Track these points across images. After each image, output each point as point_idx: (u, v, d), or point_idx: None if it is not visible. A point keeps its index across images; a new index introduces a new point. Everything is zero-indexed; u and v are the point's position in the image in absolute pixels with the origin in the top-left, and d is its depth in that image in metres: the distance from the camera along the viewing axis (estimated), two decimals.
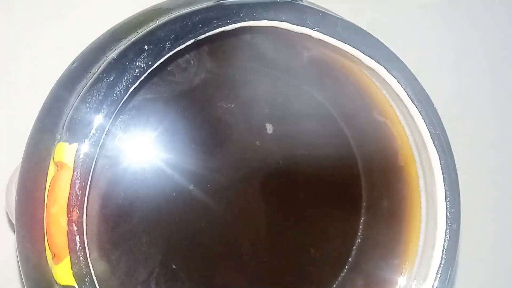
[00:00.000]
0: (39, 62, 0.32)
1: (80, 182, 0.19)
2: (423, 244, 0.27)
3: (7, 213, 0.31)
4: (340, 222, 0.30)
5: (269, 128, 0.27)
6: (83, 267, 0.19)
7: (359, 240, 0.30)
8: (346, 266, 0.30)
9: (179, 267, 0.24)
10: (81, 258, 0.19)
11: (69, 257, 0.19)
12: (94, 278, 0.19)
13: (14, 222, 0.28)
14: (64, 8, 0.32)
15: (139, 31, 0.21)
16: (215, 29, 0.21)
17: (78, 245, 0.19)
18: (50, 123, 0.21)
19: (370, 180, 0.30)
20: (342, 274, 0.29)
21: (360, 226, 0.30)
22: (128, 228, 0.23)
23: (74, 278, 0.19)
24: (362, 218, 0.30)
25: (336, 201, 0.30)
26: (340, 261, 0.30)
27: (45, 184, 0.20)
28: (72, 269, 0.19)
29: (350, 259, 0.30)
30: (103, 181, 0.21)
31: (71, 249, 0.19)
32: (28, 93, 0.32)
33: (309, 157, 0.29)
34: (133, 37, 0.21)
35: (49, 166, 0.20)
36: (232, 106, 0.26)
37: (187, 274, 0.25)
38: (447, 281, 0.25)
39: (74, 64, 0.22)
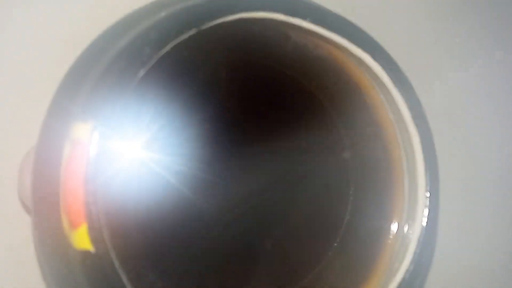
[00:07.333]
0: (50, 50, 0.33)
1: (95, 158, 0.21)
2: (405, 220, 0.29)
3: (20, 198, 0.32)
4: (329, 203, 0.32)
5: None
6: (99, 233, 0.21)
7: (347, 218, 0.32)
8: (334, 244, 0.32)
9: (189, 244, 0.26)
10: (96, 225, 0.21)
11: (86, 224, 0.21)
12: (108, 243, 0.21)
13: (27, 202, 0.30)
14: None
15: (146, 22, 0.23)
16: (216, 20, 0.23)
17: (94, 213, 0.21)
18: (65, 106, 0.23)
19: (358, 164, 0.32)
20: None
21: (348, 208, 0.32)
22: (140, 201, 0.25)
23: (91, 243, 0.21)
24: (351, 198, 0.32)
25: (325, 183, 0.32)
26: (328, 239, 0.32)
27: (61, 160, 0.22)
28: (88, 235, 0.21)
29: (337, 239, 0.32)
30: (116, 158, 0.23)
31: (88, 217, 0.21)
32: (35, 88, 0.33)
33: (300, 145, 0.31)
34: (141, 28, 0.23)
35: (65, 143, 0.22)
36: (231, 97, 0.28)
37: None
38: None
39: (86, 52, 0.24)
